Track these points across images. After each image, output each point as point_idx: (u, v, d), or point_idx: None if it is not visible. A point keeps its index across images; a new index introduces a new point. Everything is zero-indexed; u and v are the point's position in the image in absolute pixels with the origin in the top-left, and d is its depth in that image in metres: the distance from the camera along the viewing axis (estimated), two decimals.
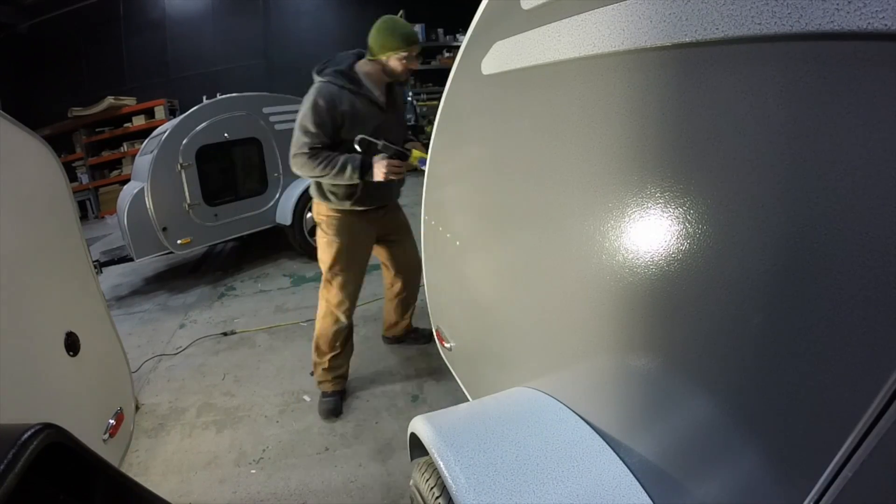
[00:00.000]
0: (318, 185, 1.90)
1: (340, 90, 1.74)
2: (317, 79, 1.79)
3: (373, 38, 1.76)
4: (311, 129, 1.71)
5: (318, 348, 2.06)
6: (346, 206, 1.90)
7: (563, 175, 0.82)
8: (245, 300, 3.40)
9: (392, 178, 1.77)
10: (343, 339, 2.05)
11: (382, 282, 2.38)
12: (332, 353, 2.04)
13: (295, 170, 1.79)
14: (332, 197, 1.90)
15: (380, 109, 1.83)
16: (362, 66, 1.82)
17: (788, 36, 0.43)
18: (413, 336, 2.52)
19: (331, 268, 1.95)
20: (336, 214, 1.94)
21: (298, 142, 1.74)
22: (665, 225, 0.60)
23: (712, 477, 0.60)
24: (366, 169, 1.74)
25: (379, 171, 1.74)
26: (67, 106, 6.92)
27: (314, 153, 1.74)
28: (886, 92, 0.37)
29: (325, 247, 1.95)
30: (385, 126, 1.83)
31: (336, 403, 2.08)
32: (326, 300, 2.00)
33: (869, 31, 0.37)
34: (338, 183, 1.82)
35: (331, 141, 1.76)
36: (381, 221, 2.06)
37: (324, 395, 2.10)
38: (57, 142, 5.94)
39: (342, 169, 1.72)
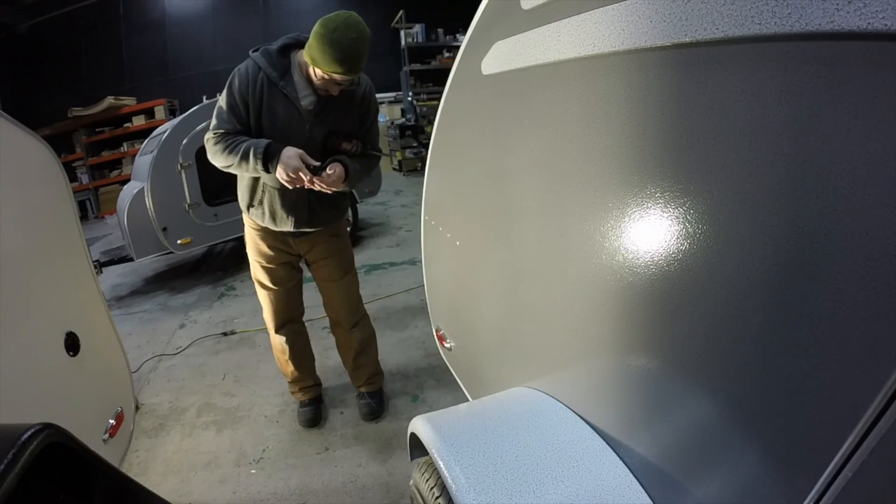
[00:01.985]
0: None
1: (258, 73, 1.43)
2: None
3: (312, 32, 1.34)
4: (224, 110, 1.45)
5: (276, 359, 1.97)
6: (250, 219, 1.66)
7: (563, 175, 0.82)
8: (245, 300, 3.40)
9: (286, 180, 1.40)
10: (290, 352, 1.88)
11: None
12: (287, 367, 1.92)
13: (210, 158, 1.50)
14: (241, 202, 1.66)
15: (298, 114, 1.46)
16: (301, 55, 1.46)
17: (788, 36, 0.43)
18: (358, 399, 2.07)
19: (254, 278, 1.80)
20: (247, 225, 1.71)
21: (210, 125, 1.48)
22: (665, 225, 0.60)
23: (712, 477, 0.60)
24: (270, 156, 1.39)
25: (282, 166, 1.38)
26: (67, 106, 6.93)
27: (220, 137, 1.44)
28: (886, 92, 0.37)
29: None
30: (310, 139, 1.49)
31: (311, 413, 1.99)
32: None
33: (869, 31, 0.37)
34: (244, 176, 1.55)
35: (245, 130, 1.47)
36: (303, 246, 1.73)
37: (300, 404, 2.03)
38: (57, 142, 5.95)
39: (245, 155, 1.39)
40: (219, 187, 3.69)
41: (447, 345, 1.59)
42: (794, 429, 0.48)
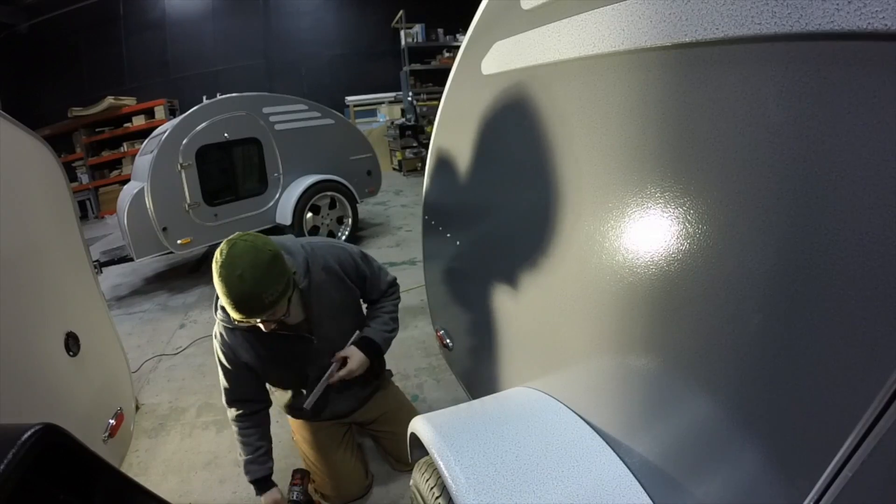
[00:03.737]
0: None
1: (233, 332, 1.32)
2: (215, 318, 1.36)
3: None
4: (227, 387, 1.38)
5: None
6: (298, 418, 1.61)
7: (563, 175, 0.82)
8: None
9: None
10: None
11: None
12: None
13: None
14: (283, 406, 1.61)
15: (296, 335, 1.35)
16: None
17: (788, 36, 0.43)
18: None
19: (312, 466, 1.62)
20: (298, 422, 1.65)
21: (224, 401, 1.42)
22: (665, 225, 0.60)
23: (712, 477, 0.60)
24: (258, 489, 1.41)
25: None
26: (67, 106, 6.92)
27: (236, 421, 1.41)
28: (886, 92, 0.37)
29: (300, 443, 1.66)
30: (314, 350, 1.39)
31: None
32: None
33: (869, 31, 0.37)
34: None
35: (259, 392, 1.44)
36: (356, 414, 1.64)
37: None
38: (57, 142, 5.95)
39: (244, 467, 1.43)
40: (219, 187, 3.70)
41: (447, 345, 1.59)
42: (795, 429, 0.48)
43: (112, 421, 1.70)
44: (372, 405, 1.64)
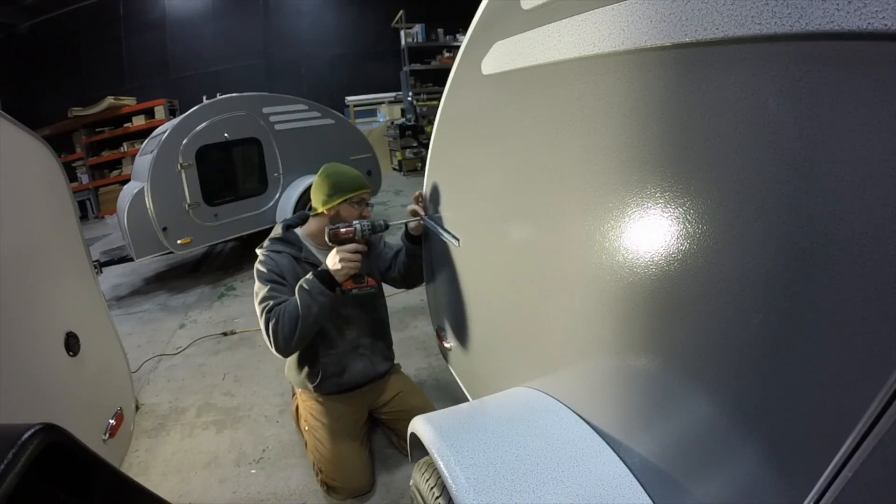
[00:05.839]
0: (291, 367, 1.69)
1: (280, 255, 1.51)
2: (258, 254, 1.55)
3: (318, 188, 1.52)
4: (265, 290, 1.43)
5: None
6: (312, 389, 1.66)
7: (563, 175, 0.82)
8: (245, 300, 3.40)
9: (348, 264, 1.38)
10: None
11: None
12: None
13: (278, 350, 1.41)
14: (303, 382, 1.67)
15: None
16: (306, 228, 1.65)
17: (788, 36, 0.43)
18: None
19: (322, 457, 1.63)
20: (312, 402, 1.69)
21: (259, 311, 1.43)
22: (665, 225, 0.60)
23: (712, 477, 0.60)
24: (324, 278, 1.39)
25: (333, 261, 1.39)
26: (67, 106, 6.92)
27: (272, 312, 1.39)
28: (886, 92, 0.37)
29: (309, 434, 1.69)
30: (341, 298, 1.51)
31: None
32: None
33: (869, 31, 0.37)
34: (306, 334, 1.41)
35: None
36: (368, 396, 1.76)
37: None
38: (57, 142, 5.94)
39: (302, 297, 1.38)
40: (219, 187, 3.70)
41: (447, 345, 1.59)
42: (794, 429, 0.48)
43: (112, 421, 1.70)
44: (389, 385, 1.78)
